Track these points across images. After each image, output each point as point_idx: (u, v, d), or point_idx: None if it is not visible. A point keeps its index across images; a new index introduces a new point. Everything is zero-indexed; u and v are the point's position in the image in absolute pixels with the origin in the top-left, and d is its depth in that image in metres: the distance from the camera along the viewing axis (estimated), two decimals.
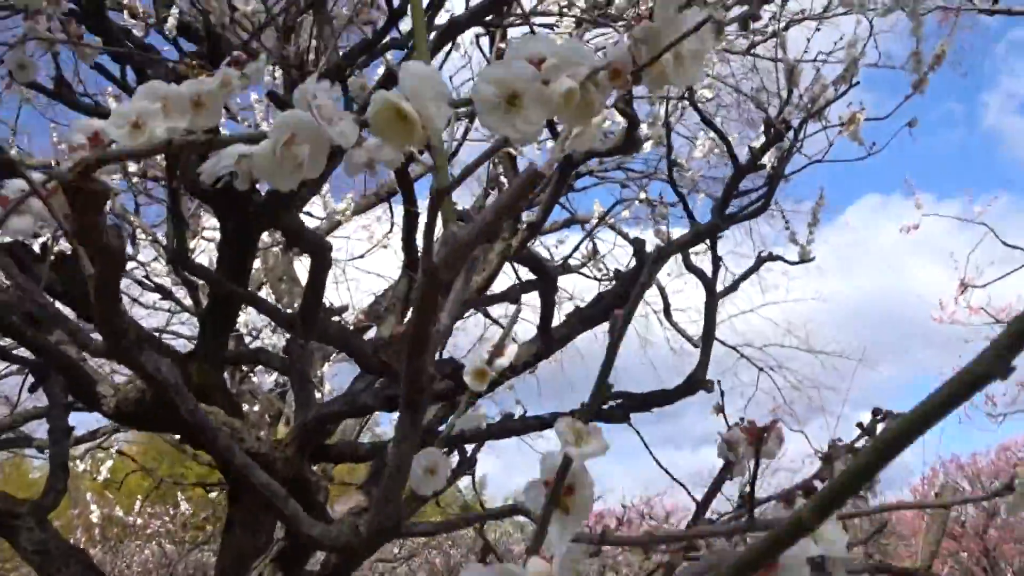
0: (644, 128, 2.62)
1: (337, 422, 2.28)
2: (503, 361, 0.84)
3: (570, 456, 0.38)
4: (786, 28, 3.70)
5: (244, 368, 4.71)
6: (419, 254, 2.37)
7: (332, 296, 8.39)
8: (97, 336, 0.61)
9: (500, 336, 0.87)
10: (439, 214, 0.59)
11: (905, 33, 2.21)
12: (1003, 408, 7.70)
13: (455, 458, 3.56)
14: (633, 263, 2.66)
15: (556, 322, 2.53)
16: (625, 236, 4.74)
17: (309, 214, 4.97)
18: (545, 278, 2.14)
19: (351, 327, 2.47)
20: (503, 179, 2.91)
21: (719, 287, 2.72)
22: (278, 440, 2.11)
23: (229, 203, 2.28)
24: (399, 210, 4.55)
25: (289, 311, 2.06)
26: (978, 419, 8.58)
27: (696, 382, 2.62)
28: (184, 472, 7.64)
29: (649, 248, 2.44)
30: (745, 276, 2.71)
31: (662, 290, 7.11)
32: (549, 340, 2.41)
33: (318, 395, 4.27)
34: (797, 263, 2.76)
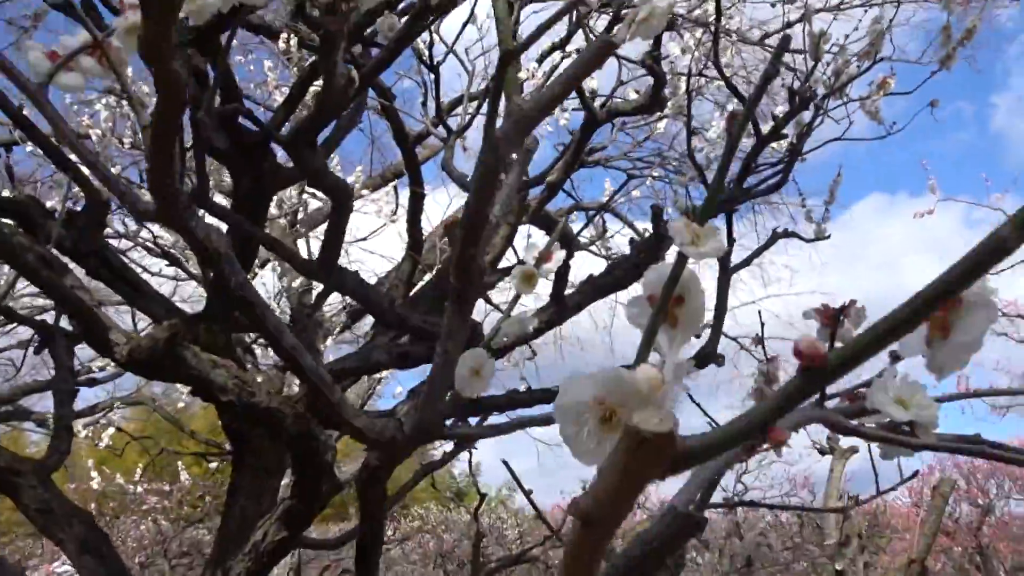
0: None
1: (349, 379, 2.26)
2: (550, 266, 0.82)
3: (686, 255, 0.36)
4: (800, 20, 3.67)
5: (247, 340, 4.70)
6: (424, 236, 2.34)
7: None
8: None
9: (547, 242, 0.85)
10: (502, 84, 0.57)
11: (919, 30, 2.20)
12: (1007, 400, 7.66)
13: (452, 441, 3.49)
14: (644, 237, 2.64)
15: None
16: (629, 224, 4.72)
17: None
18: (561, 241, 2.11)
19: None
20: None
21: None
22: (288, 396, 2.09)
23: (245, 162, 2.25)
24: (405, 193, 4.53)
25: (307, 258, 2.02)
26: (980, 411, 8.55)
27: (708, 355, 2.60)
28: (181, 449, 7.62)
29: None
30: (760, 251, 2.66)
31: None
32: (562, 307, 2.39)
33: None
34: (812, 240, 2.74)
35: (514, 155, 1.57)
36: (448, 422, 2.89)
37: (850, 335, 0.57)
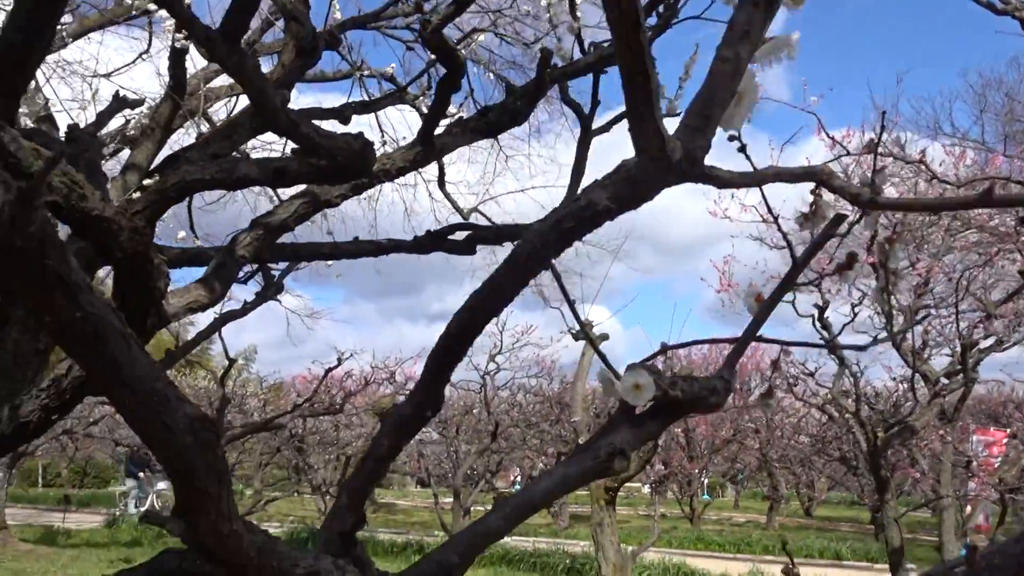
0: None
1: (203, 190, 1.94)
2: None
3: None
4: None
5: None
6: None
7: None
8: None
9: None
10: None
11: None
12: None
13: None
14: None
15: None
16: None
17: None
18: (451, 68, 1.93)
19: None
20: None
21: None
22: (126, 206, 1.75)
23: None
24: (160, 27, 3.98)
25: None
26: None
27: None
28: None
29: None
30: (619, 119, 2.66)
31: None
32: (430, 148, 2.21)
33: None
34: (664, 116, 2.76)
35: None
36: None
37: None
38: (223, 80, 8.50)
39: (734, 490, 26.82)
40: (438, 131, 2.26)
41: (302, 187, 2.52)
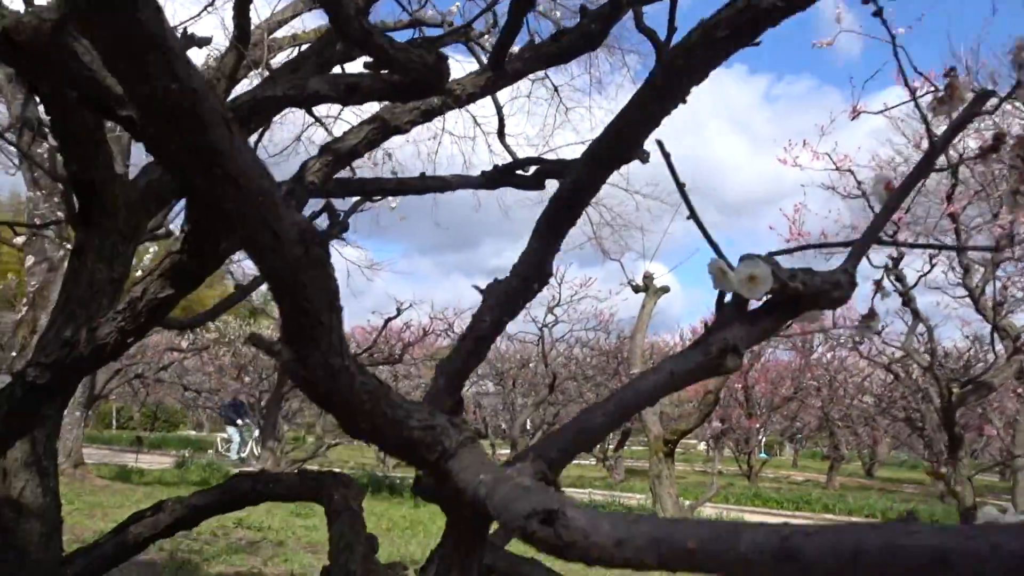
0: None
1: (276, 111, 1.91)
2: None
3: None
4: None
5: None
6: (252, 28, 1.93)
7: None
8: None
9: None
10: None
11: None
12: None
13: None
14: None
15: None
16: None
17: None
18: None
19: None
20: None
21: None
22: None
23: None
24: None
25: None
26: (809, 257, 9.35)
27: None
28: None
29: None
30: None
31: (499, 109, 6.85)
32: (501, 73, 2.14)
33: None
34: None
35: None
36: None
37: None
38: (286, 31, 8.49)
39: (792, 449, 26.55)
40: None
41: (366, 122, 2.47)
